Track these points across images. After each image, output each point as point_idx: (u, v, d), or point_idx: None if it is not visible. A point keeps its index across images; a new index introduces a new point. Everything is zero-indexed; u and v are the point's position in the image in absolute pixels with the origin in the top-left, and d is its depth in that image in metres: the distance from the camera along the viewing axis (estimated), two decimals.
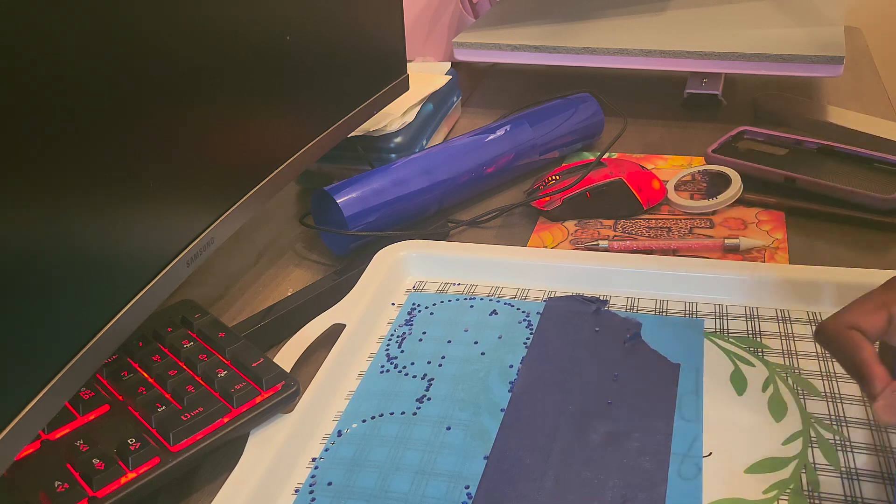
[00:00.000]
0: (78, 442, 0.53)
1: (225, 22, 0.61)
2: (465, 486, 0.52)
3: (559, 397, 0.59)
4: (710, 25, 1.09)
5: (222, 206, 0.63)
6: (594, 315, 0.67)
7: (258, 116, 0.67)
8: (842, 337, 0.47)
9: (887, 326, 0.47)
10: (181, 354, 0.60)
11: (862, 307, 0.48)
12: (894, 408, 0.44)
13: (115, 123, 0.51)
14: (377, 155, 0.91)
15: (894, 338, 0.47)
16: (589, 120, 0.97)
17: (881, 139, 0.95)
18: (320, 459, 0.56)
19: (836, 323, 0.48)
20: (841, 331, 0.47)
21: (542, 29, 1.12)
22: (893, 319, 0.47)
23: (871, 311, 0.47)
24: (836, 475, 0.51)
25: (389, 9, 0.86)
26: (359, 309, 0.67)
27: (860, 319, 0.47)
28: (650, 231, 0.81)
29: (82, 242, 0.48)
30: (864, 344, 0.46)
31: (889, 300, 0.47)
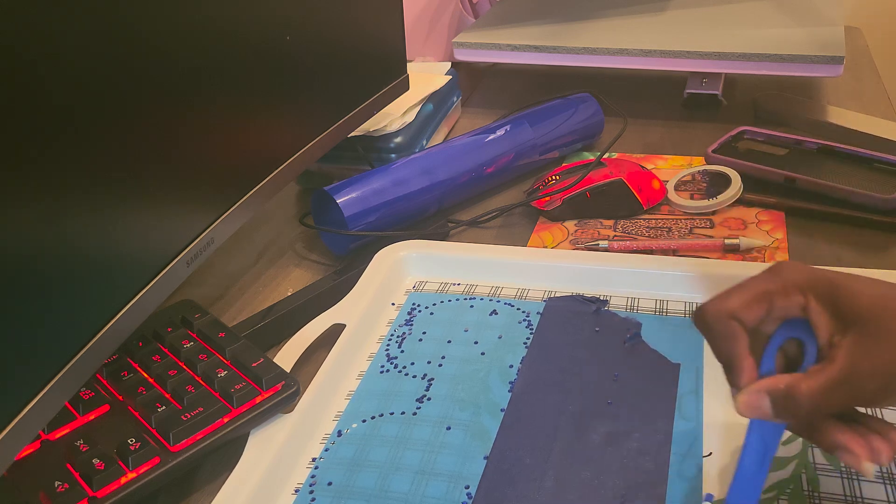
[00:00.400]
0: (78, 442, 0.53)
1: (225, 22, 0.61)
2: (465, 486, 0.52)
3: (559, 397, 0.59)
4: (710, 25, 1.09)
5: (222, 206, 0.63)
6: (594, 315, 0.67)
7: (258, 116, 0.67)
8: (720, 325, 0.46)
9: (766, 317, 0.46)
10: (181, 354, 0.60)
11: (744, 296, 0.46)
12: (758, 406, 0.44)
13: (115, 123, 0.51)
14: (377, 155, 0.91)
15: (768, 327, 0.47)
16: (589, 120, 0.97)
17: (881, 139, 0.95)
18: (320, 459, 0.56)
19: (716, 310, 0.47)
20: (721, 319, 0.46)
21: (542, 29, 1.12)
22: (772, 311, 0.46)
23: (753, 301, 0.46)
24: (836, 475, 0.51)
25: (389, 9, 0.86)
26: (359, 309, 0.67)
27: (741, 310, 0.46)
28: (650, 231, 0.81)
29: (82, 242, 0.49)
30: (739, 335, 0.46)
31: (773, 290, 0.46)
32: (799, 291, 0.45)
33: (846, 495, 0.50)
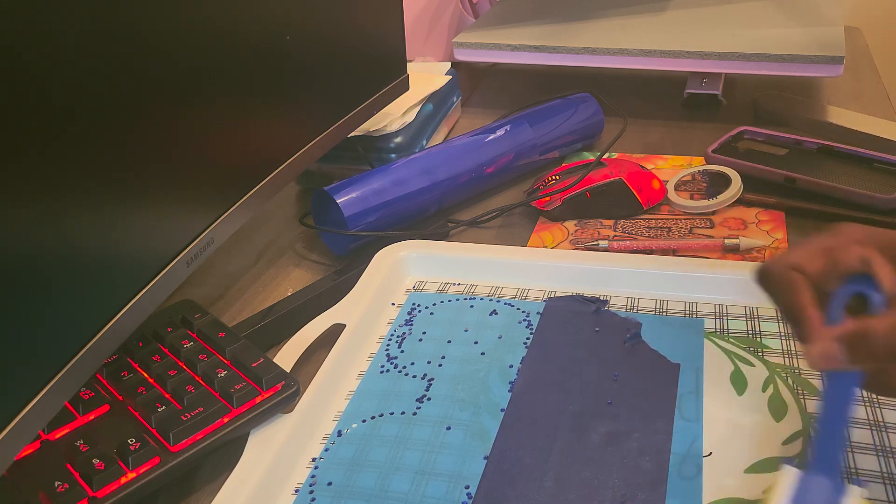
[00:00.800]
0: (78, 442, 0.53)
1: (225, 22, 0.61)
2: (465, 486, 0.52)
3: (559, 397, 0.59)
4: (710, 25, 1.09)
5: (222, 206, 0.63)
6: (594, 315, 0.67)
7: (258, 116, 0.67)
8: (785, 277, 0.47)
9: (826, 273, 0.47)
10: (181, 354, 0.60)
11: (807, 251, 0.47)
12: (830, 353, 0.44)
13: (115, 123, 0.51)
14: (377, 155, 0.91)
15: (831, 284, 0.47)
16: (589, 120, 0.97)
17: (881, 139, 0.95)
18: (320, 459, 0.56)
19: (779, 262, 0.47)
20: (785, 271, 0.47)
21: (542, 29, 1.12)
22: (835, 267, 0.46)
23: (815, 254, 0.47)
24: None
25: (389, 9, 0.86)
26: (359, 309, 0.67)
27: (803, 262, 0.47)
28: (650, 231, 0.81)
29: (82, 242, 0.49)
30: (804, 287, 0.46)
31: (833, 246, 0.47)
32: (860, 246, 0.46)
33: None
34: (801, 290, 0.46)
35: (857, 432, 0.54)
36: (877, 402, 0.56)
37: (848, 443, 0.46)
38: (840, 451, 0.46)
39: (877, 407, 0.56)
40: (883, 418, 0.55)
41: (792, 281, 0.47)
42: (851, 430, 0.54)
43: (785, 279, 0.47)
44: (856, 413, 0.46)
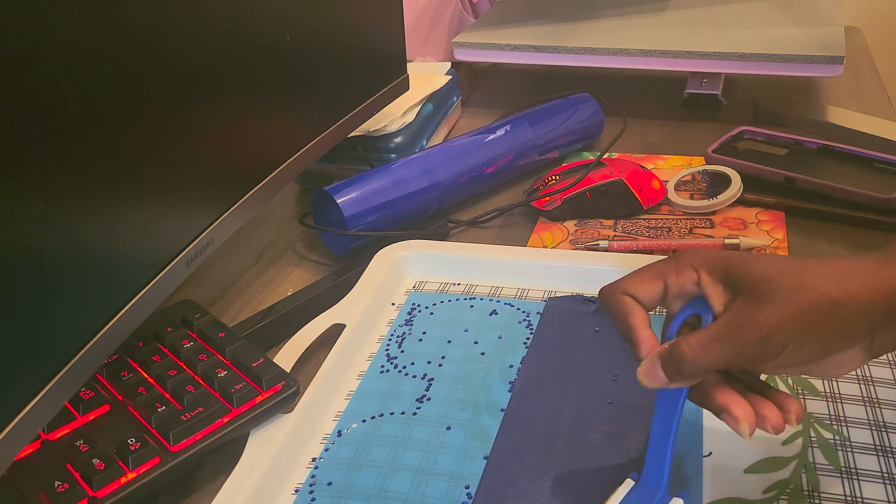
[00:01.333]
0: (78, 442, 0.53)
1: (225, 22, 0.61)
2: (465, 486, 0.52)
3: (559, 397, 0.59)
4: (710, 25, 1.09)
5: (222, 206, 0.63)
6: (594, 315, 0.67)
7: (258, 116, 0.67)
8: (616, 302, 0.49)
9: (663, 295, 0.48)
10: (181, 354, 0.60)
11: (638, 275, 0.49)
12: (654, 373, 0.46)
13: (115, 123, 0.51)
14: (377, 155, 0.91)
15: (672, 306, 0.49)
16: (589, 120, 0.97)
17: (881, 139, 0.95)
18: (320, 459, 0.56)
19: (612, 288, 0.49)
20: (616, 296, 0.49)
21: (542, 29, 1.12)
22: (669, 289, 0.48)
23: (647, 279, 0.49)
24: (836, 475, 0.51)
25: (389, 9, 0.86)
26: (359, 309, 0.67)
27: (635, 286, 0.49)
28: (650, 231, 0.81)
29: (82, 242, 0.48)
30: (634, 309, 0.48)
31: (666, 270, 0.48)
32: (692, 269, 0.47)
33: (846, 495, 0.50)
34: (629, 314, 0.48)
35: (856, 432, 0.54)
36: (877, 403, 0.56)
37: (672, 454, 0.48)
38: (667, 463, 0.47)
39: (877, 407, 0.56)
40: (883, 418, 0.55)
41: (622, 306, 0.48)
42: (856, 439, 0.54)
43: (617, 303, 0.49)
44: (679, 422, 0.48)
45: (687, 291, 0.48)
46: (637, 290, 0.48)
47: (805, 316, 0.42)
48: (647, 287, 0.48)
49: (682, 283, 0.48)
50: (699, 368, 0.44)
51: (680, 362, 0.44)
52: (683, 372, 0.44)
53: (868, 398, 0.57)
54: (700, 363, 0.44)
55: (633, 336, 0.48)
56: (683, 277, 0.47)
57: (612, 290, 0.49)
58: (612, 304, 0.49)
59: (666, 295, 0.48)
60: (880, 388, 0.57)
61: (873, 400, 0.56)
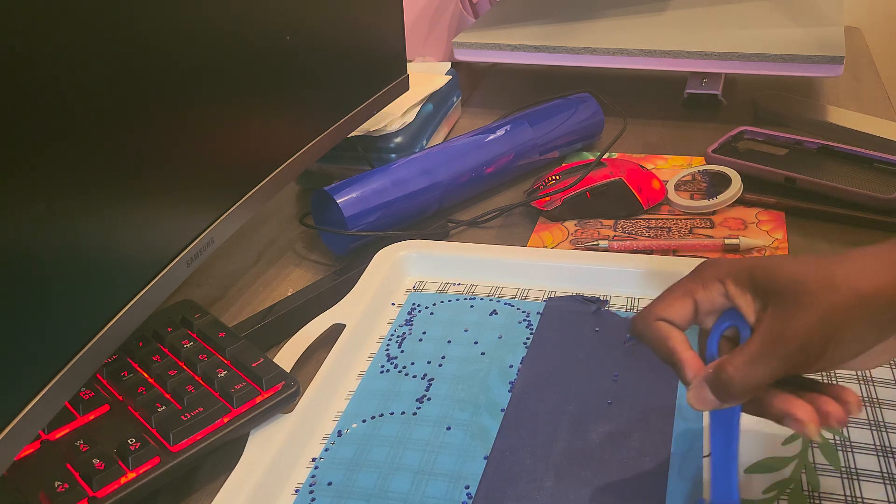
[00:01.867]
0: (78, 442, 0.53)
1: (225, 22, 0.61)
2: (465, 486, 0.52)
3: (559, 397, 0.59)
4: (710, 25, 1.09)
5: (222, 206, 0.63)
6: (594, 315, 0.67)
7: (258, 116, 0.67)
8: (650, 330, 0.48)
9: (694, 313, 0.48)
10: (181, 354, 0.60)
11: (668, 298, 0.48)
12: (704, 397, 0.45)
13: (115, 123, 0.51)
14: (377, 155, 0.91)
15: (707, 322, 0.48)
16: (589, 120, 0.97)
17: (881, 139, 0.95)
18: (320, 459, 0.56)
19: (644, 317, 0.49)
20: (650, 323, 0.48)
21: (542, 29, 1.12)
22: (699, 305, 0.48)
23: (676, 300, 0.48)
24: (836, 475, 0.51)
25: (389, 9, 0.86)
26: (359, 309, 0.67)
27: (667, 310, 0.48)
28: (650, 231, 0.81)
29: (82, 242, 0.48)
30: (672, 333, 0.47)
31: (693, 288, 0.48)
32: (717, 281, 0.47)
33: (846, 495, 0.50)
34: (668, 339, 0.47)
35: (856, 432, 0.54)
36: (877, 403, 0.56)
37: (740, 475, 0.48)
38: (735, 483, 0.46)
39: (877, 407, 0.56)
40: (883, 418, 0.55)
41: (659, 332, 0.48)
42: (853, 440, 0.54)
43: (653, 330, 0.48)
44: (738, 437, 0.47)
45: (717, 305, 0.47)
46: (669, 314, 0.48)
47: (838, 314, 0.42)
48: (678, 308, 0.48)
49: (710, 297, 0.47)
50: (748, 388, 0.44)
51: (728, 385, 0.44)
52: (734, 393, 0.44)
53: (868, 398, 0.57)
54: (748, 382, 0.43)
55: (677, 360, 0.47)
56: (711, 291, 0.47)
57: (645, 318, 0.49)
58: (648, 332, 0.48)
59: (697, 312, 0.48)
60: (880, 389, 0.57)
61: (874, 400, 0.56)
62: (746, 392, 0.44)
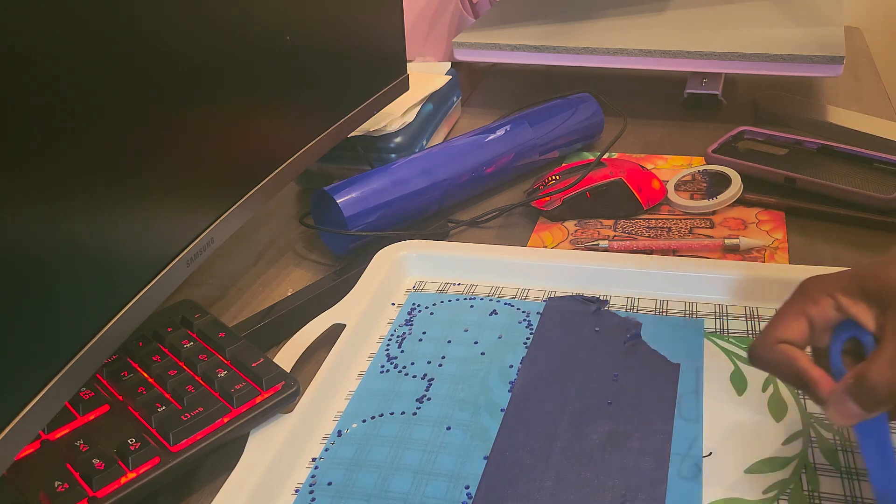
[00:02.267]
0: (78, 442, 0.53)
1: (225, 22, 0.61)
2: (465, 486, 0.52)
3: (559, 397, 0.59)
4: (710, 25, 1.09)
5: (222, 206, 0.63)
6: (594, 315, 0.67)
7: (258, 116, 0.67)
8: (774, 354, 0.48)
9: (810, 332, 0.48)
10: (181, 354, 0.60)
11: (782, 320, 0.48)
12: (846, 411, 0.45)
13: (115, 123, 0.51)
14: (377, 155, 0.91)
15: (822, 340, 0.48)
16: (589, 120, 0.97)
17: (881, 139, 0.95)
18: (320, 459, 0.56)
19: (764, 342, 0.49)
20: (771, 348, 0.48)
21: (542, 29, 1.12)
22: (814, 323, 0.48)
23: (791, 321, 0.48)
24: (836, 475, 0.51)
25: (389, 9, 0.86)
26: (359, 309, 0.67)
27: (785, 332, 0.48)
28: (650, 231, 0.81)
29: (82, 242, 0.48)
30: (796, 353, 0.47)
31: (804, 306, 0.48)
32: (827, 296, 0.47)
33: (846, 495, 0.50)
34: (795, 360, 0.47)
35: None
36: None
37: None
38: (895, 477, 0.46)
39: None
40: None
41: (783, 354, 0.48)
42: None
43: (776, 356, 0.48)
44: None
45: (831, 319, 0.47)
46: (788, 335, 0.48)
47: None
48: (795, 329, 0.48)
49: (823, 312, 0.47)
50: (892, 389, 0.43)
51: (874, 389, 0.43)
52: (881, 397, 0.43)
53: None
54: (892, 383, 0.43)
55: (808, 378, 0.47)
56: (823, 307, 0.47)
57: (765, 344, 0.49)
58: (772, 357, 0.48)
59: (813, 331, 0.48)
60: None
61: None
62: (891, 395, 0.43)
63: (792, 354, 0.47)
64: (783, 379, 0.49)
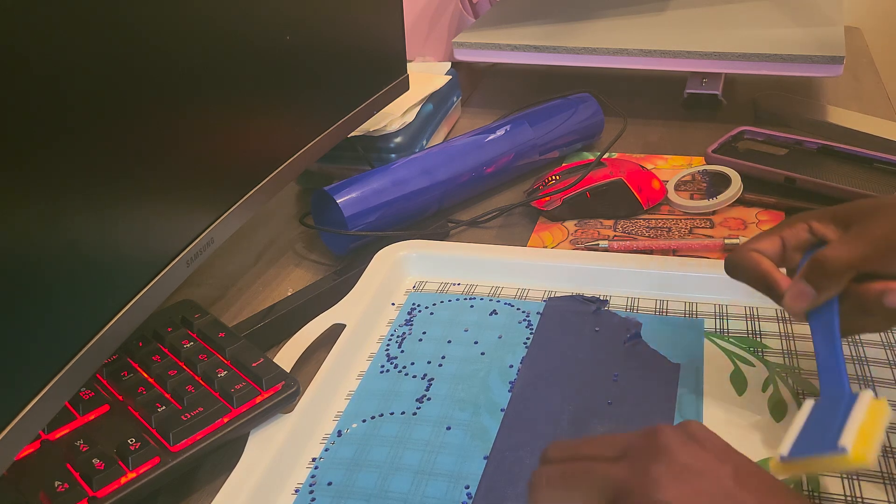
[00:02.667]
0: (78, 442, 0.53)
1: (225, 22, 0.61)
2: (465, 486, 0.52)
3: (559, 397, 0.59)
4: (710, 25, 1.09)
5: (222, 206, 0.63)
6: (594, 315, 0.67)
7: (258, 116, 0.67)
8: (744, 257, 0.55)
9: (782, 249, 0.55)
10: (181, 354, 0.60)
11: (759, 237, 0.56)
12: (800, 292, 0.52)
13: (115, 123, 0.51)
14: (377, 155, 0.91)
15: (793, 259, 0.55)
16: (589, 120, 0.97)
17: (881, 139, 0.95)
18: (320, 459, 0.56)
19: (738, 250, 0.56)
20: (745, 253, 0.55)
21: (542, 29, 1.12)
22: (786, 242, 0.54)
23: (765, 237, 0.55)
24: (835, 475, 0.51)
25: (389, 9, 0.86)
26: (359, 309, 0.67)
27: (758, 244, 0.55)
28: (650, 231, 0.81)
29: (82, 242, 0.49)
30: (762, 258, 0.54)
31: (779, 229, 0.55)
32: (803, 221, 0.54)
33: (846, 495, 0.50)
34: (760, 262, 0.54)
35: None
36: None
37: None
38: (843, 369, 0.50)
39: None
40: None
41: (752, 258, 0.54)
42: None
43: (745, 260, 0.55)
44: None
45: (802, 240, 0.54)
46: (760, 246, 0.55)
47: None
48: (768, 243, 0.55)
49: (796, 233, 0.54)
50: (842, 265, 0.50)
51: (823, 264, 0.50)
52: (829, 272, 0.50)
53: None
54: (842, 259, 0.50)
55: (771, 278, 0.54)
56: (797, 229, 0.54)
57: (739, 251, 0.55)
58: (742, 261, 0.55)
59: (784, 248, 0.54)
60: (880, 389, 0.57)
61: None
62: (840, 270, 0.50)
63: (759, 258, 0.54)
64: (750, 282, 0.55)
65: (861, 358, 0.59)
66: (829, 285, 0.51)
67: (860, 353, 0.60)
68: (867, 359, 0.59)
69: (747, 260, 0.54)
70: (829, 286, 0.51)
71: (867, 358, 0.59)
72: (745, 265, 0.55)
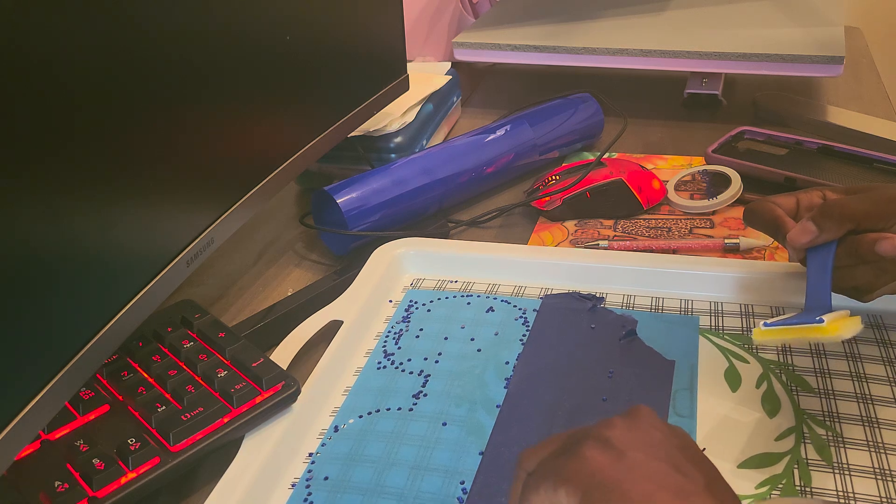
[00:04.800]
0: (78, 442, 0.53)
1: (225, 22, 0.61)
2: (461, 482, 0.53)
3: (554, 393, 0.59)
4: (710, 25, 1.10)
5: (222, 206, 0.64)
6: (590, 312, 0.67)
7: (258, 116, 0.68)
8: (763, 206, 0.62)
9: (796, 207, 0.62)
10: (181, 354, 0.60)
11: (775, 195, 0.63)
12: (804, 228, 0.57)
13: (115, 123, 0.51)
14: (377, 155, 0.91)
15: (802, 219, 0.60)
16: (589, 120, 0.97)
17: (881, 139, 0.95)
18: (317, 454, 0.56)
19: (758, 201, 0.63)
20: (763, 203, 0.62)
21: (542, 29, 1.13)
22: (800, 203, 0.62)
23: (782, 196, 0.62)
24: (828, 471, 0.51)
25: (389, 9, 0.86)
26: (356, 305, 0.68)
27: (776, 199, 0.62)
28: (650, 231, 0.82)
29: (83, 242, 0.49)
30: (778, 209, 0.61)
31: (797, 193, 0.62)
32: (817, 191, 0.62)
33: (838, 491, 0.50)
34: (775, 209, 0.61)
35: (848, 428, 0.54)
36: (869, 399, 0.56)
37: None
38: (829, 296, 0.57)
39: (869, 404, 0.56)
40: (876, 415, 0.55)
41: (770, 207, 0.61)
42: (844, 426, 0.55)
43: (765, 206, 0.62)
44: None
45: (815, 204, 0.60)
46: (777, 200, 0.62)
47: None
48: (785, 199, 0.62)
49: (810, 197, 0.61)
50: (846, 212, 0.56)
51: (830, 209, 0.57)
52: (834, 216, 0.56)
53: (861, 395, 0.57)
54: (846, 207, 0.56)
55: (781, 221, 0.60)
56: (811, 195, 0.61)
57: (758, 201, 0.63)
58: (759, 208, 0.62)
59: (798, 208, 0.61)
60: (873, 385, 0.58)
61: (866, 397, 0.57)
62: (843, 216, 0.56)
63: (774, 207, 0.61)
64: (762, 225, 0.62)
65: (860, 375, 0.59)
66: (832, 227, 0.57)
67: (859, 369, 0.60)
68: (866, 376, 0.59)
69: (764, 207, 0.61)
70: (831, 228, 0.57)
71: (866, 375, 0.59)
72: (761, 210, 0.61)
